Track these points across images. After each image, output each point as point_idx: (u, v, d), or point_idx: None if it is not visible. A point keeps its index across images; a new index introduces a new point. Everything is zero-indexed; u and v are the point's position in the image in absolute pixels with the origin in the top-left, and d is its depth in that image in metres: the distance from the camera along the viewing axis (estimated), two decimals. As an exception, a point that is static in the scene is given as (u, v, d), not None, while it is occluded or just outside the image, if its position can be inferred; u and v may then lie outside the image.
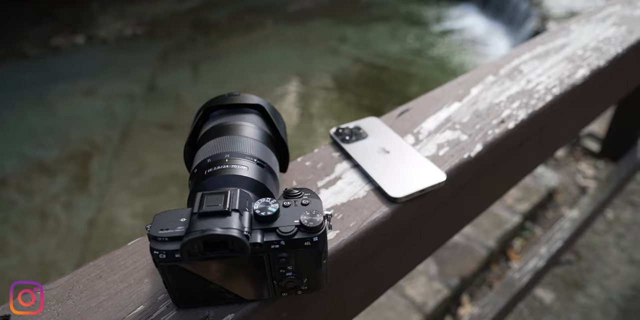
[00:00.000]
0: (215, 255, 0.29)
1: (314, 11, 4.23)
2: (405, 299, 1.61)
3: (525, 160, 0.59)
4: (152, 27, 3.86)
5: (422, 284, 1.66)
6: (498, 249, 1.78)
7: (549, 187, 1.94)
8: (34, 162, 2.76)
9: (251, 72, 3.38)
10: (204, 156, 0.36)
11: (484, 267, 1.75)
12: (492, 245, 1.75)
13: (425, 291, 1.63)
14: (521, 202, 1.89)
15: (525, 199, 1.90)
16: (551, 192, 1.95)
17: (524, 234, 1.88)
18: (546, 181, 1.97)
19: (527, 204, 1.88)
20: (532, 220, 1.92)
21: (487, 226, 1.81)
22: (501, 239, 1.78)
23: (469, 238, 1.77)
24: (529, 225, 1.90)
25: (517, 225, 1.84)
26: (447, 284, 1.63)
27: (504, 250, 1.83)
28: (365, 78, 3.39)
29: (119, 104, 3.12)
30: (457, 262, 1.71)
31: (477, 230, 1.79)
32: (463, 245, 1.75)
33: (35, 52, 3.52)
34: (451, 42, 3.71)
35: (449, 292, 1.61)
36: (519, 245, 1.85)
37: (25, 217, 2.45)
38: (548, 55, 0.63)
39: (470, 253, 1.73)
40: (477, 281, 1.73)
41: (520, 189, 1.94)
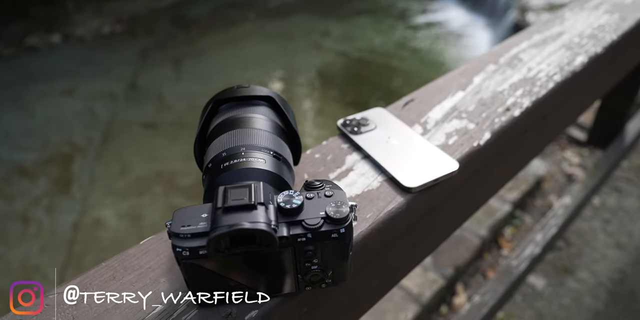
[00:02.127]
0: (242, 250, 0.28)
1: (295, 6, 4.20)
2: (402, 290, 1.62)
3: (528, 147, 0.60)
4: (131, 24, 3.77)
5: (417, 275, 1.67)
6: (490, 237, 1.81)
7: (537, 175, 1.98)
8: (13, 166, 2.68)
9: (234, 69, 3.34)
10: (218, 150, 0.34)
11: (477, 256, 1.77)
12: (484, 234, 1.78)
13: (421, 282, 1.64)
14: (511, 191, 1.92)
15: (515, 188, 1.93)
16: (539, 180, 1.99)
17: (514, 222, 1.91)
18: (534, 170, 2.00)
19: (517, 193, 1.91)
20: (521, 208, 1.95)
21: (479, 215, 1.84)
22: (492, 228, 1.81)
23: (462, 228, 1.79)
24: (518, 214, 1.94)
25: (507, 214, 1.87)
26: (442, 274, 1.65)
27: (495, 238, 1.86)
28: (349, 72, 3.39)
29: (100, 104, 3.05)
30: (451, 252, 1.73)
31: (469, 220, 1.81)
32: (456, 235, 1.77)
33: (9, 52, 3.40)
34: (433, 35, 3.73)
35: (444, 282, 1.63)
36: (509, 233, 1.88)
37: (6, 222, 2.37)
38: (546, 43, 0.64)
39: (463, 242, 1.75)
40: (471, 270, 1.75)
41: (509, 179, 1.98)
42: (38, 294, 0.33)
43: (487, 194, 0.56)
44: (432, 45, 3.59)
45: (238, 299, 0.32)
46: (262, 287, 0.32)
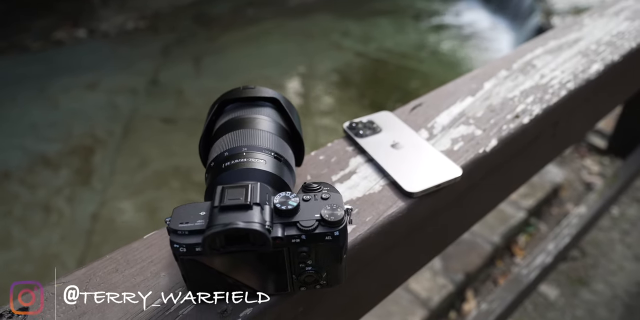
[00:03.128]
0: (236, 249, 0.28)
1: (315, 5, 4.21)
2: (410, 294, 1.61)
3: (539, 155, 0.59)
4: (154, 21, 3.84)
5: (426, 279, 1.66)
6: (502, 244, 1.78)
7: (554, 183, 1.94)
8: (37, 156, 2.76)
9: (253, 67, 3.36)
10: (220, 149, 0.35)
11: (488, 262, 1.75)
12: (496, 241, 1.75)
13: (430, 286, 1.63)
14: (526, 198, 1.89)
15: (530, 195, 1.89)
16: (556, 188, 1.95)
17: (528, 230, 1.88)
18: (551, 177, 1.96)
19: (532, 200, 1.88)
20: (536, 216, 1.92)
21: (492, 222, 1.81)
22: (506, 235, 1.79)
23: (474, 233, 1.77)
24: (533, 221, 1.90)
25: (521, 221, 1.84)
26: (452, 280, 1.64)
27: (508, 246, 1.83)
28: (368, 73, 3.38)
29: (121, 98, 3.12)
30: (461, 257, 1.71)
31: (482, 225, 1.79)
32: (468, 240, 1.75)
33: (37, 46, 3.51)
34: (454, 37, 3.69)
35: (454, 288, 1.61)
36: (523, 241, 1.85)
37: (29, 210, 2.45)
38: (561, 49, 0.63)
39: (474, 248, 1.73)
40: (482, 277, 1.73)
41: (525, 185, 1.94)
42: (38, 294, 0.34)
43: (493, 202, 0.55)
44: (453, 47, 3.55)
45: (238, 299, 0.33)
46: (258, 285, 0.33)
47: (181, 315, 0.33)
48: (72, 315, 0.33)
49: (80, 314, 0.33)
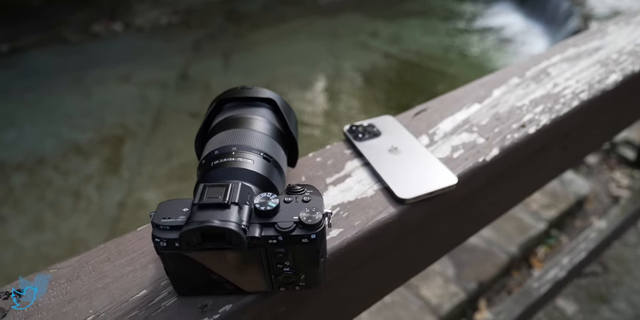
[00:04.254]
0: (212, 246, 0.29)
1: (345, 4, 4.20)
2: (420, 300, 1.59)
3: (547, 166, 0.57)
4: (187, 16, 3.93)
5: (438, 286, 1.64)
6: (520, 255, 1.73)
7: (579, 194, 1.87)
8: (71, 144, 2.88)
9: (280, 64, 3.39)
10: (212, 148, 0.36)
11: (504, 272, 1.71)
12: (513, 251, 1.71)
13: (441, 293, 1.61)
14: (548, 209, 1.83)
15: (553, 206, 1.84)
16: (581, 200, 1.88)
17: (549, 242, 1.82)
18: (576, 188, 1.89)
19: (554, 211, 1.82)
20: (558, 228, 1.86)
21: (510, 231, 1.77)
22: (524, 246, 1.74)
23: (490, 242, 1.73)
24: (555, 233, 1.84)
25: (542, 232, 1.79)
26: (464, 288, 1.61)
27: (526, 257, 1.78)
28: (394, 74, 3.34)
29: (152, 91, 3.21)
30: (475, 265, 1.68)
31: (499, 234, 1.75)
32: (483, 249, 1.71)
33: (75, 38, 3.66)
34: (486, 40, 3.60)
35: (466, 296, 1.59)
36: (542, 253, 1.79)
37: (60, 195, 2.56)
38: (580, 58, 0.61)
39: (490, 257, 1.69)
40: (496, 287, 1.69)
41: (548, 195, 1.88)
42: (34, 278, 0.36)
43: (494, 212, 0.54)
44: (483, 50, 3.47)
45: (215, 292, 0.34)
46: (239, 282, 0.33)
47: (163, 307, 0.34)
48: (62, 300, 0.35)
49: (70, 299, 0.35)
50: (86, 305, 0.34)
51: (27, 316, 0.33)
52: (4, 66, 3.37)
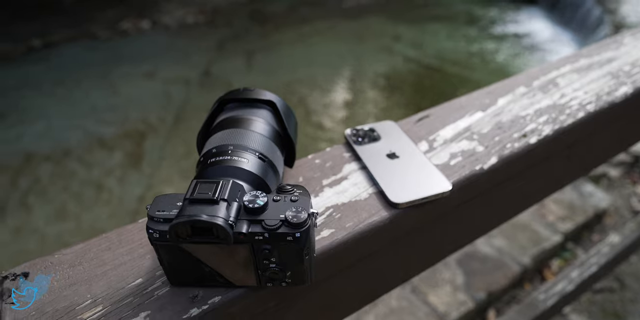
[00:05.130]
0: (200, 240, 0.31)
1: (369, 7, 4.20)
2: (427, 306, 1.58)
3: (551, 178, 0.57)
4: (212, 15, 4.01)
5: (446, 293, 1.62)
6: (533, 267, 1.70)
7: (598, 208, 1.82)
8: (95, 137, 2.97)
9: (301, 65, 3.42)
10: (210, 146, 0.38)
11: (515, 284, 1.68)
12: (526, 263, 1.68)
13: (449, 301, 1.59)
14: (564, 221, 1.79)
15: (569, 218, 1.79)
16: (600, 213, 1.83)
17: (564, 255, 1.78)
18: (595, 202, 1.85)
19: (571, 224, 1.78)
20: (574, 241, 1.81)
21: (523, 242, 1.74)
22: (537, 257, 1.71)
23: (502, 252, 1.70)
24: (570, 246, 1.80)
25: (557, 245, 1.75)
26: (473, 297, 1.59)
27: (539, 269, 1.75)
28: (416, 79, 3.33)
29: (175, 88, 3.28)
30: (486, 275, 1.66)
31: (512, 244, 1.72)
32: (494, 258, 1.69)
33: (104, 35, 3.78)
34: (511, 47, 3.54)
35: (474, 305, 1.57)
36: (557, 266, 1.76)
37: (84, 187, 2.65)
38: (590, 69, 0.60)
39: (501, 268, 1.67)
40: (506, 298, 1.66)
41: (565, 207, 1.84)
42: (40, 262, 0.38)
43: (491, 222, 0.54)
44: (508, 57, 3.41)
45: (206, 284, 0.35)
46: (229, 275, 0.35)
47: (156, 296, 0.36)
48: (64, 284, 0.37)
49: (71, 283, 0.37)
50: (85, 290, 0.36)
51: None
52: (36, 60, 3.51)
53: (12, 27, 3.82)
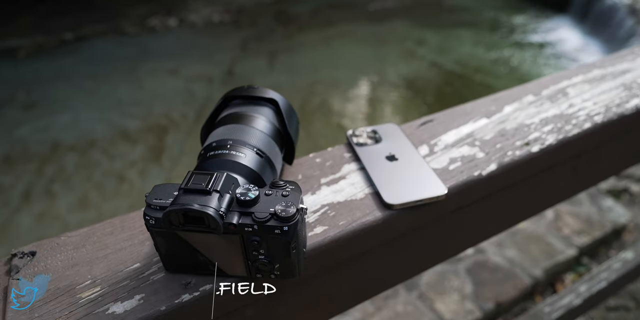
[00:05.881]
0: (192, 228, 0.32)
1: (394, 11, 4.18)
2: (433, 313, 1.57)
3: (555, 188, 0.56)
4: (238, 15, 4.07)
5: (453, 301, 1.61)
6: (545, 280, 1.67)
7: (617, 223, 1.77)
8: (120, 130, 3.05)
9: (324, 67, 3.43)
10: (211, 140, 0.39)
11: (526, 296, 1.65)
12: (538, 275, 1.65)
13: (456, 309, 1.58)
14: (580, 235, 1.75)
15: (586, 233, 1.75)
16: (619, 229, 1.78)
17: (578, 270, 1.74)
18: (614, 216, 1.79)
19: (587, 238, 1.73)
20: (590, 256, 1.77)
21: (536, 254, 1.70)
22: (550, 270, 1.67)
23: (513, 263, 1.67)
24: (586, 261, 1.76)
25: (571, 259, 1.71)
26: (481, 307, 1.57)
27: (552, 282, 1.71)
28: (439, 84, 3.30)
29: (198, 85, 3.34)
30: (495, 285, 1.63)
31: (524, 256, 1.69)
32: (505, 269, 1.66)
33: (133, 31, 3.88)
34: (538, 55, 3.47)
35: (481, 315, 1.55)
36: (570, 280, 1.71)
37: (106, 177, 2.72)
38: (603, 80, 0.59)
39: (511, 279, 1.64)
40: (516, 310, 1.63)
41: (582, 221, 1.80)
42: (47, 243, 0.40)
43: (489, 229, 0.54)
44: (534, 65, 3.35)
45: (199, 272, 0.37)
46: (221, 264, 0.36)
47: (151, 280, 0.37)
48: (67, 264, 0.39)
49: (74, 264, 0.39)
50: (86, 271, 0.38)
51: (35, 274, 0.38)
52: (68, 53, 3.64)
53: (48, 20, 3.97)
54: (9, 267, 0.39)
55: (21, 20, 4.02)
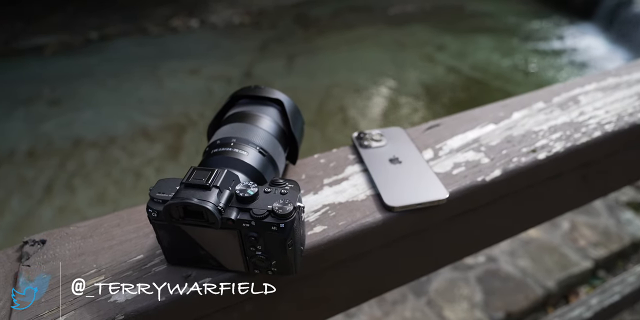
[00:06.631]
0: (192, 222, 0.33)
1: (415, 16, 4.16)
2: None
3: (562, 196, 0.55)
4: (258, 17, 4.12)
5: (462, 309, 1.59)
6: (558, 291, 1.63)
7: (636, 236, 1.72)
8: (140, 128, 3.10)
9: (342, 70, 3.44)
10: (216, 138, 0.40)
11: (537, 307, 1.62)
12: (551, 287, 1.61)
13: (465, 317, 1.56)
14: (597, 247, 1.71)
15: (603, 245, 1.71)
16: (637, 242, 1.73)
17: (593, 283, 1.69)
18: (634, 229, 1.74)
19: (604, 251, 1.69)
20: (607, 269, 1.72)
21: (550, 264, 1.67)
22: (563, 282, 1.63)
23: (525, 273, 1.64)
24: (602, 275, 1.71)
25: (586, 271, 1.67)
26: (490, 316, 1.55)
27: (565, 295, 1.67)
28: (457, 90, 3.26)
29: (217, 85, 3.39)
30: (506, 295, 1.60)
31: (537, 266, 1.66)
32: (517, 279, 1.63)
33: (156, 31, 3.97)
34: (560, 63, 3.41)
35: (489, 325, 1.52)
36: (585, 293, 1.67)
37: (125, 174, 2.77)
38: (617, 88, 0.58)
39: (523, 289, 1.61)
40: (526, 320, 1.60)
41: (599, 233, 1.75)
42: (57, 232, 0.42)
43: (493, 236, 0.53)
44: (556, 73, 3.29)
45: (200, 266, 0.38)
46: (221, 259, 0.37)
47: (153, 272, 0.38)
48: (75, 253, 0.40)
49: (81, 253, 0.40)
50: (92, 261, 0.40)
51: (45, 262, 0.40)
52: (92, 52, 3.74)
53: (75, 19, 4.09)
54: (20, 254, 0.40)
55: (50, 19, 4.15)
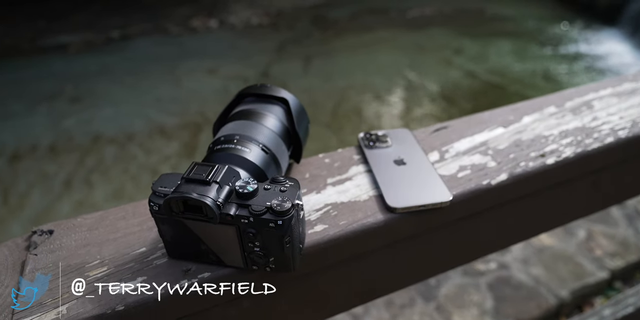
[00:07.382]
0: (191, 216, 0.34)
1: (433, 19, 4.13)
2: (450, 327, 1.53)
3: (570, 203, 0.54)
4: (276, 18, 4.15)
5: (472, 316, 1.56)
6: (572, 302, 1.59)
7: (655, 248, 1.67)
8: (157, 126, 3.16)
9: (358, 73, 3.43)
10: (220, 134, 0.41)
11: (549, 317, 1.58)
12: (564, 296, 1.57)
13: (474, 324, 1.53)
14: (614, 258, 1.66)
15: (620, 256, 1.66)
16: (657, 254, 1.68)
17: (609, 294, 1.65)
18: (653, 241, 1.69)
19: (621, 262, 1.64)
20: (624, 281, 1.67)
21: (564, 274, 1.63)
22: (578, 292, 1.59)
23: (538, 281, 1.61)
24: (618, 286, 1.67)
25: (602, 282, 1.63)
26: (500, 324, 1.52)
27: (579, 305, 1.63)
28: (475, 95, 3.22)
29: (234, 85, 3.42)
30: (518, 303, 1.57)
31: (551, 275, 1.63)
32: (529, 287, 1.60)
33: (175, 30, 4.03)
34: (583, 69, 3.33)
35: (499, 333, 1.50)
36: (600, 304, 1.63)
37: (141, 171, 2.82)
38: (634, 93, 0.57)
39: (535, 297, 1.58)
40: (537, 330, 1.57)
41: (617, 243, 1.71)
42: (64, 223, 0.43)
43: (498, 242, 0.52)
44: (577, 78, 3.22)
45: (200, 260, 0.38)
46: (220, 254, 0.37)
47: (154, 265, 0.39)
48: (80, 244, 0.41)
49: (86, 244, 0.41)
50: (96, 252, 0.40)
51: (52, 251, 0.41)
52: (114, 50, 3.82)
53: (99, 19, 4.19)
54: (29, 243, 0.42)
55: (75, 17, 4.26)
